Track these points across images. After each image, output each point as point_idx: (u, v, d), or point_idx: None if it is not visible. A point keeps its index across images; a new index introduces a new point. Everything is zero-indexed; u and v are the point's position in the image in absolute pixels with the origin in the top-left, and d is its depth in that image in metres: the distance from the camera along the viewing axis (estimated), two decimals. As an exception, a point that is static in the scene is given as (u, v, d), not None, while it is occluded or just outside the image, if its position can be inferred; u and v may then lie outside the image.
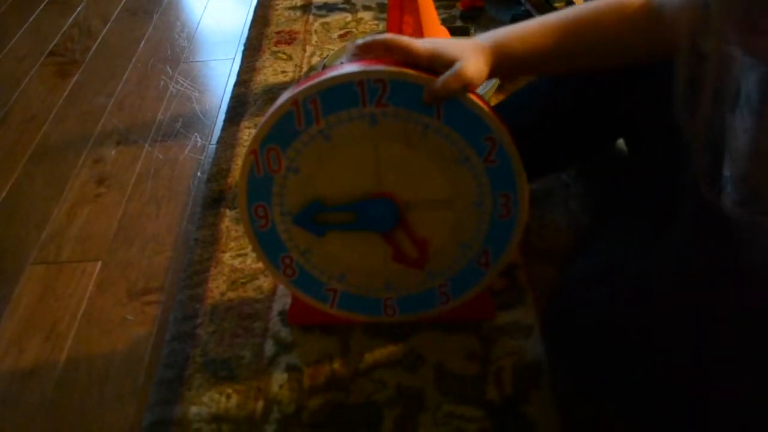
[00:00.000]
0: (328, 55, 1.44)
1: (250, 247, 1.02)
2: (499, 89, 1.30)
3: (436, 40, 0.77)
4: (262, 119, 0.77)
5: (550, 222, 1.02)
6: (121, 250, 1.10)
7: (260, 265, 0.99)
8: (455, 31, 1.41)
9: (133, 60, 1.61)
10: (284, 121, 0.75)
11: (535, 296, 0.93)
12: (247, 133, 1.27)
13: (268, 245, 0.84)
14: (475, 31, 1.43)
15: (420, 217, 0.81)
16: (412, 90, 0.72)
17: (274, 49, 1.52)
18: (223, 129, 1.30)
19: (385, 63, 0.73)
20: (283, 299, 0.95)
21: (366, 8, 1.62)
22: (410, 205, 0.80)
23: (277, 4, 1.70)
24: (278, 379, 0.86)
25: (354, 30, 1.54)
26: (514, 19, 1.44)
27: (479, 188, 0.78)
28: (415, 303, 0.87)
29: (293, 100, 0.74)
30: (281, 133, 0.76)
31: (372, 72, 0.72)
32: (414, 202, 0.80)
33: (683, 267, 0.66)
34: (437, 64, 0.72)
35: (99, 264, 1.08)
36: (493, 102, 1.10)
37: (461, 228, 0.81)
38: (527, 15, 1.43)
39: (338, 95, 0.73)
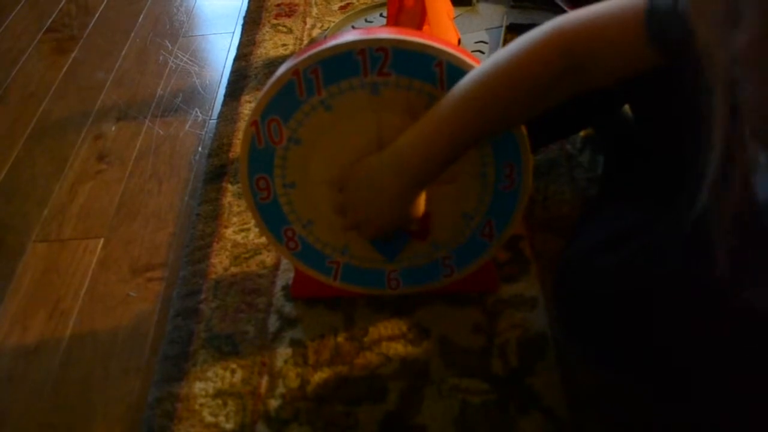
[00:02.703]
0: (329, 27, 1.42)
1: (252, 222, 1.02)
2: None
3: None
4: (262, 90, 0.75)
5: (554, 193, 1.01)
6: (123, 227, 1.09)
7: (263, 239, 0.99)
8: (458, 2, 1.39)
9: (132, 35, 1.59)
10: (285, 91, 0.74)
11: (540, 268, 0.92)
12: (248, 108, 1.26)
13: (270, 218, 0.83)
14: (478, 2, 1.41)
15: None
16: (414, 58, 0.71)
17: (274, 21, 1.50)
18: (224, 103, 1.29)
19: (388, 30, 0.72)
20: (287, 274, 0.94)
21: (366, -21, 1.59)
22: (413, 177, 0.79)
23: (277, -23, 1.67)
24: (282, 353, 0.85)
25: (355, 1, 1.52)
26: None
27: (482, 158, 0.77)
28: (419, 275, 0.86)
29: (294, 70, 0.73)
30: (282, 104, 0.75)
31: (373, 40, 0.70)
32: (417, 174, 0.79)
33: (692, 236, 0.65)
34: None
35: (101, 241, 1.07)
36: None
37: (464, 199, 0.80)
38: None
39: (339, 64, 0.72)
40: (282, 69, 0.74)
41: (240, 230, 1.02)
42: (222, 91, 1.34)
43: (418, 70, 0.72)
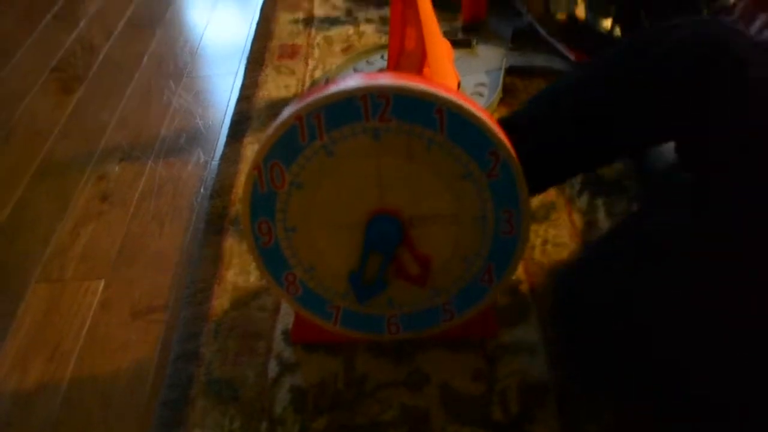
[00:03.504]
0: (331, 69, 1.44)
1: (253, 264, 1.01)
2: (502, 102, 1.30)
3: None
4: (265, 134, 0.76)
5: (553, 237, 1.02)
6: (124, 269, 1.09)
7: (264, 282, 0.99)
8: (457, 44, 1.41)
9: (136, 75, 1.61)
10: (288, 136, 0.74)
11: (540, 312, 0.92)
12: (250, 149, 1.27)
13: (271, 262, 0.83)
14: (477, 44, 1.43)
15: (423, 233, 0.80)
16: (415, 104, 0.72)
17: (277, 63, 1.52)
18: (226, 145, 1.30)
19: (389, 77, 0.73)
20: (287, 318, 0.94)
21: (368, 21, 1.62)
22: (414, 221, 0.79)
23: (280, 18, 1.70)
24: (282, 399, 0.85)
25: (356, 43, 1.54)
26: (516, 33, 1.45)
27: (482, 203, 0.77)
28: (418, 320, 0.86)
29: (296, 116, 0.73)
30: (285, 149, 0.75)
31: (375, 87, 0.71)
32: (417, 218, 0.79)
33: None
34: None
35: (102, 282, 1.07)
36: (496, 115, 1.10)
37: (464, 244, 0.80)
38: (530, 28, 1.43)
39: (341, 110, 0.73)
40: (284, 114, 0.75)
41: (241, 273, 1.02)
42: (225, 131, 1.35)
43: (419, 116, 0.72)
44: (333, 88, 0.72)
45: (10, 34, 1.90)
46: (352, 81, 0.73)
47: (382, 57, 1.41)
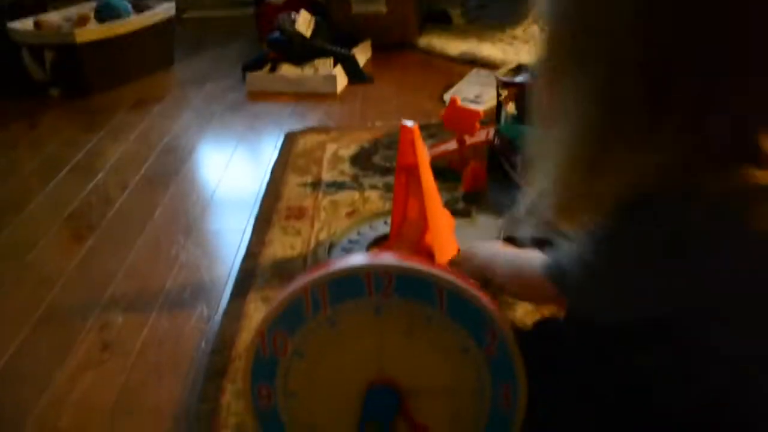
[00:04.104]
0: (335, 233, 1.50)
1: (249, 425, 1.02)
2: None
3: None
4: (271, 303, 0.80)
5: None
6: (120, 421, 1.10)
7: (259, 444, 0.99)
8: (457, 214, 1.47)
9: (147, 228, 1.67)
10: (293, 307, 0.78)
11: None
12: (253, 307, 1.30)
13: (268, 425, 0.84)
14: (477, 214, 1.50)
15: (421, 405, 0.82)
16: (416, 283, 0.76)
17: (284, 223, 1.58)
18: (230, 301, 1.34)
19: (391, 256, 0.78)
20: (280, 482, 0.94)
21: (372, 187, 1.70)
22: (412, 393, 0.81)
23: (289, 180, 1.78)
24: None
25: (360, 208, 1.61)
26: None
27: (480, 378, 0.80)
28: (413, 492, 0.86)
29: (303, 288, 0.77)
30: (289, 319, 0.79)
31: (379, 266, 0.76)
32: (415, 390, 0.81)
33: None
34: None
35: (97, 435, 1.07)
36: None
37: (462, 417, 0.82)
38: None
39: (346, 285, 0.77)
40: (292, 286, 0.79)
41: (237, 432, 1.03)
42: (229, 287, 1.39)
43: (420, 294, 0.77)
44: (339, 265, 0.77)
45: (29, 180, 1.99)
46: (357, 259, 0.77)
47: (385, 222, 1.48)
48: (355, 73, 2.53)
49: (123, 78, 2.68)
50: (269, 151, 2.01)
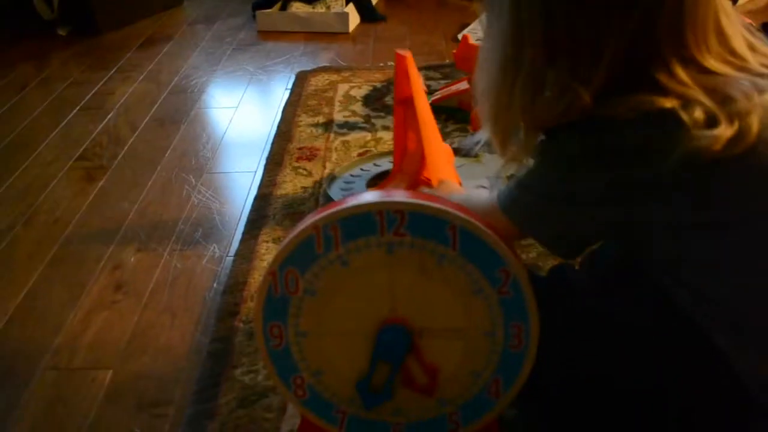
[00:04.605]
0: (335, 169, 1.49)
1: (261, 364, 1.03)
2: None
3: None
4: (282, 242, 0.79)
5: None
6: (132, 360, 1.10)
7: (270, 382, 1.00)
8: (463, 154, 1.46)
9: (158, 168, 1.66)
10: (304, 245, 0.77)
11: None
12: (265, 247, 1.30)
13: (280, 364, 0.84)
14: (483, 153, 1.48)
15: (432, 345, 0.81)
16: (429, 221, 0.75)
17: (295, 164, 1.57)
18: (242, 241, 1.33)
19: (404, 193, 0.76)
20: (292, 420, 0.95)
21: (385, 128, 1.68)
22: (423, 333, 0.81)
23: (300, 121, 1.76)
24: (283, 504, 0.84)
25: (373, 149, 1.59)
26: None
27: (492, 318, 0.79)
28: (424, 429, 0.86)
29: (314, 226, 0.76)
30: (301, 257, 0.78)
31: (392, 203, 0.74)
32: (427, 330, 0.81)
33: None
34: None
35: (110, 373, 1.08)
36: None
37: (473, 356, 0.82)
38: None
39: (358, 223, 0.75)
40: (303, 224, 0.78)
41: (249, 372, 1.03)
42: (241, 228, 1.39)
43: (433, 233, 0.75)
44: (351, 202, 0.76)
45: (39, 121, 1.98)
46: (369, 196, 0.76)
47: (389, 161, 1.46)
48: (367, 12, 2.48)
49: (132, 17, 2.65)
50: (280, 91, 1.98)
